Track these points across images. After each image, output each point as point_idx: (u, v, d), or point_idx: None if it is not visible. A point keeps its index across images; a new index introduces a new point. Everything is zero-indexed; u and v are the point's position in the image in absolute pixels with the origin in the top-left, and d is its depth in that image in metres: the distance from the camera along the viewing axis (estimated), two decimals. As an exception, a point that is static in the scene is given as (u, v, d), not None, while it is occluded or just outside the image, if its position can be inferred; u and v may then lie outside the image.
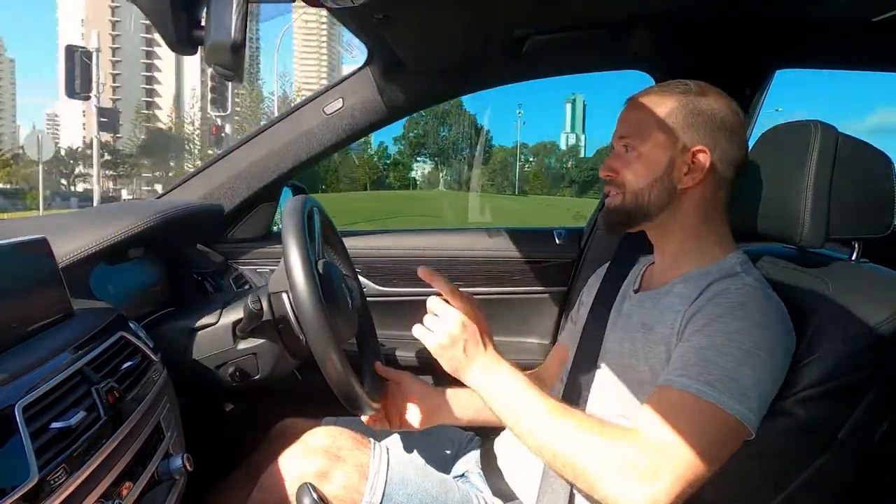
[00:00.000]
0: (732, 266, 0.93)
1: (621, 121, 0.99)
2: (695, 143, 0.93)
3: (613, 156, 0.99)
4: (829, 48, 1.48)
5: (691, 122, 0.93)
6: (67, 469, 0.63)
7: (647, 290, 1.01)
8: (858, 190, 0.94)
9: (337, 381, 0.93)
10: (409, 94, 1.54)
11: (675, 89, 0.96)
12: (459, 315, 0.88)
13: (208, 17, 0.52)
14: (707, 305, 0.86)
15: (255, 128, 1.65)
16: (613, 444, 0.78)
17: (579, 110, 44.08)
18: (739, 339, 0.81)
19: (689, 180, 0.93)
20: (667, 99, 0.95)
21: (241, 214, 1.63)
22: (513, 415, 0.85)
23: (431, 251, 1.75)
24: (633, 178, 0.95)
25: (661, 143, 0.94)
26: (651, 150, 0.94)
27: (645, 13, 1.38)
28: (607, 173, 0.98)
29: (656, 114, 0.94)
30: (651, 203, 0.95)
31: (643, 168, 0.94)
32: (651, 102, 0.96)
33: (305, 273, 0.91)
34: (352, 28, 1.31)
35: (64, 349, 0.75)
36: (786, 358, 0.85)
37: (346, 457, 0.99)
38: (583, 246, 1.72)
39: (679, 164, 0.93)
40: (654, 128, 0.94)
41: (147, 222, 1.08)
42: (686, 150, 0.93)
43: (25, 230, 0.84)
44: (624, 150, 0.97)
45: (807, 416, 0.85)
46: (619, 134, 0.98)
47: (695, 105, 0.94)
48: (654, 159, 0.94)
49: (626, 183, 0.96)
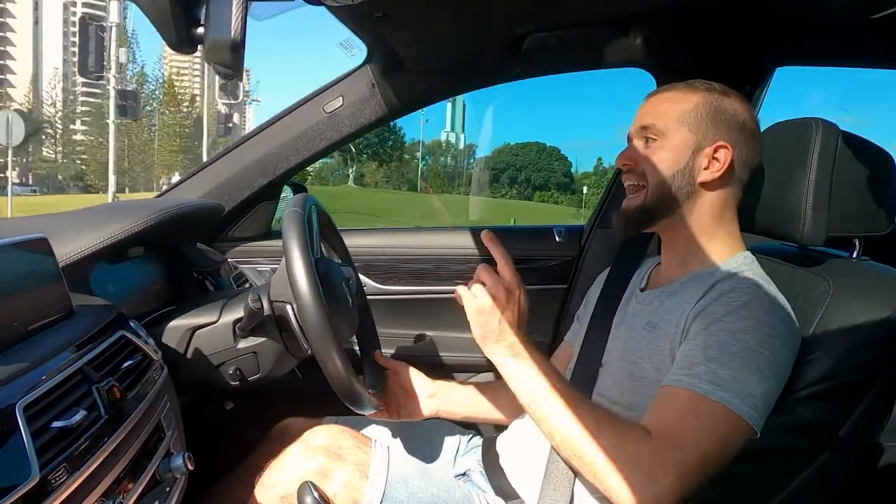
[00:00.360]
0: (738, 266, 0.93)
1: (643, 113, 0.99)
2: (717, 138, 0.94)
3: (633, 146, 0.99)
4: (828, 46, 1.48)
5: (715, 118, 0.94)
6: (68, 468, 0.63)
7: (654, 289, 1.01)
8: (859, 188, 0.94)
9: (338, 379, 0.93)
10: (408, 92, 1.54)
11: (699, 87, 0.96)
12: (506, 290, 0.88)
13: (208, 15, 0.52)
14: (712, 305, 0.86)
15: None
16: (623, 440, 0.79)
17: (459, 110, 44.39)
18: (744, 338, 0.81)
19: (709, 174, 0.94)
20: (691, 94, 0.96)
21: (241, 213, 1.64)
22: (530, 397, 0.85)
23: (431, 250, 1.75)
24: (656, 168, 0.95)
25: (685, 135, 0.94)
26: (675, 141, 0.94)
27: (644, 11, 1.38)
28: (626, 162, 0.98)
29: (681, 107, 0.95)
30: (671, 195, 0.94)
31: (666, 158, 0.94)
32: (675, 97, 0.96)
33: (306, 272, 0.91)
34: (351, 26, 1.31)
35: (64, 348, 0.75)
36: (791, 357, 0.85)
37: (346, 455, 0.99)
38: (583, 244, 1.72)
39: (701, 158, 0.94)
40: (678, 120, 0.95)
41: (148, 221, 1.08)
42: (709, 143, 0.94)
43: (25, 229, 0.83)
44: (645, 142, 0.97)
45: (808, 414, 0.85)
46: (640, 124, 0.98)
47: (718, 103, 0.95)
48: (677, 150, 0.94)
49: (647, 173, 0.95)
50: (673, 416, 0.80)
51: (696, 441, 0.78)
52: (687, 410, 0.80)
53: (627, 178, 0.99)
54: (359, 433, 1.06)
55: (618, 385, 0.96)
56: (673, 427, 0.79)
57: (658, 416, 0.81)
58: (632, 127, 1.00)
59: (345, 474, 0.96)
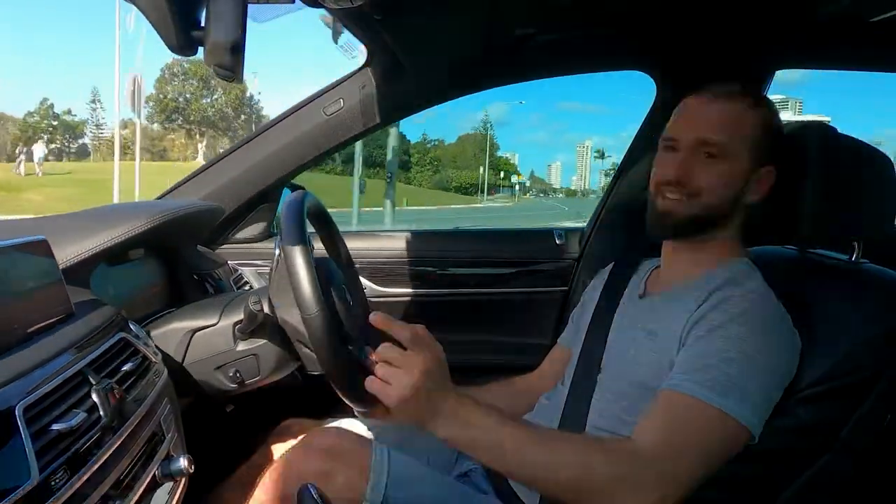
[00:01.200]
0: (738, 272, 0.93)
1: (701, 123, 0.93)
2: (768, 160, 0.93)
3: (688, 159, 0.93)
4: (828, 48, 1.48)
5: (769, 140, 0.94)
6: (68, 470, 0.63)
7: (652, 294, 1.01)
8: (858, 190, 0.94)
9: (338, 380, 0.93)
10: (408, 94, 1.55)
11: (752, 101, 0.94)
12: (420, 361, 0.77)
13: (207, 17, 0.53)
14: (710, 312, 0.87)
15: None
16: (608, 461, 0.77)
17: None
18: (742, 345, 0.82)
19: (756, 196, 0.94)
20: (750, 112, 0.93)
21: (242, 215, 1.64)
22: (495, 453, 0.80)
23: (431, 252, 1.75)
24: (712, 189, 0.92)
25: (746, 157, 0.92)
26: (737, 161, 0.92)
27: (645, 13, 1.38)
28: (680, 176, 0.92)
29: (747, 125, 0.92)
30: (722, 214, 0.94)
31: (726, 181, 0.92)
32: (736, 111, 0.93)
33: (306, 273, 0.91)
34: (351, 29, 1.31)
35: (64, 350, 0.75)
36: (789, 362, 0.85)
37: (347, 457, 0.99)
38: (583, 246, 1.72)
39: (752, 181, 0.93)
40: (742, 140, 0.92)
41: (148, 224, 1.08)
42: (762, 165, 0.93)
43: (25, 231, 0.83)
44: (705, 157, 0.92)
45: (808, 416, 0.85)
46: (698, 136, 0.92)
47: (769, 122, 0.94)
48: (737, 175, 0.93)
49: (701, 192, 0.92)
50: (671, 423, 0.80)
51: (693, 448, 0.78)
52: (685, 416, 0.80)
53: (671, 190, 0.94)
54: (359, 435, 1.06)
55: (615, 391, 0.96)
56: (670, 435, 0.79)
57: (655, 424, 0.81)
58: (682, 132, 0.95)
59: (346, 476, 0.96)
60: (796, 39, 1.44)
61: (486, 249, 1.75)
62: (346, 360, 0.93)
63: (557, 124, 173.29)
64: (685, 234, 0.96)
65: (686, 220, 0.94)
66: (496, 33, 1.34)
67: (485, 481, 1.09)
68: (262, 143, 1.56)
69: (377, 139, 33.76)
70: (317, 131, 1.54)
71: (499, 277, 1.73)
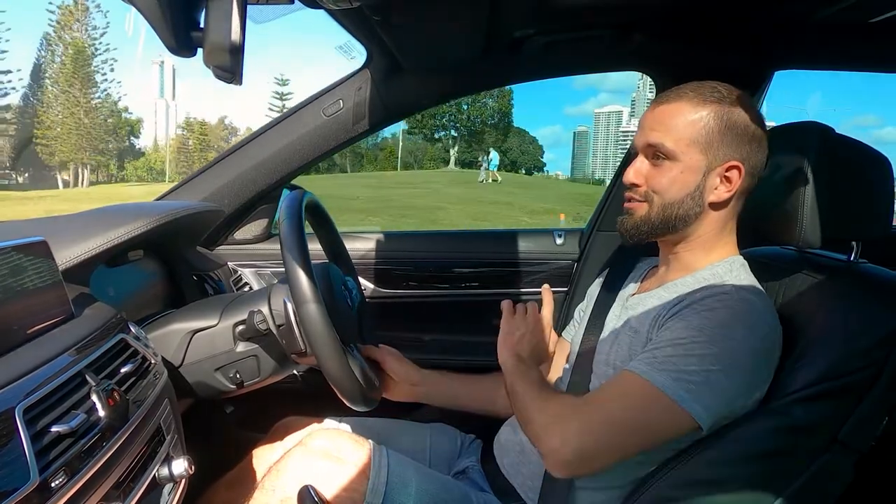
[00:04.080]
0: (723, 272, 0.93)
1: (650, 126, 0.93)
2: (728, 157, 0.89)
3: (644, 162, 0.94)
4: (827, 49, 1.48)
5: (727, 135, 0.89)
6: (68, 472, 0.63)
7: (642, 293, 1.02)
8: (857, 191, 0.94)
9: (338, 381, 0.93)
10: (408, 95, 1.55)
11: (709, 96, 0.90)
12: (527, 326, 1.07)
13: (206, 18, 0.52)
14: (682, 310, 0.88)
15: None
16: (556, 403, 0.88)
17: (168, 75, 43.55)
18: (695, 334, 0.83)
19: (719, 195, 0.91)
20: (701, 108, 0.90)
21: (241, 216, 1.64)
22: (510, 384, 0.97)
23: (432, 253, 1.75)
24: (664, 191, 0.91)
25: (696, 157, 0.89)
26: (686, 164, 0.90)
27: (644, 14, 1.38)
28: (634, 182, 0.94)
29: (692, 124, 0.89)
30: (679, 217, 0.92)
31: (676, 183, 0.91)
32: (684, 110, 0.90)
33: (305, 275, 0.91)
34: (351, 29, 1.31)
35: (64, 351, 0.75)
36: (760, 362, 0.85)
37: (346, 458, 0.99)
38: (583, 247, 1.72)
39: (712, 178, 0.90)
40: (689, 140, 0.89)
41: (148, 225, 1.08)
42: (720, 163, 0.90)
43: (25, 232, 0.83)
44: (654, 160, 0.92)
45: (806, 417, 0.85)
46: (646, 141, 0.92)
47: (730, 117, 0.89)
48: (688, 174, 0.90)
49: (654, 195, 0.92)
50: (603, 386, 0.88)
51: (609, 404, 0.84)
52: (616, 383, 0.86)
53: (631, 194, 0.96)
54: (358, 435, 1.06)
55: None
56: (597, 393, 0.87)
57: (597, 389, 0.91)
58: (638, 138, 0.95)
59: (345, 477, 0.96)
60: (796, 40, 1.44)
61: (486, 250, 1.75)
62: (345, 360, 0.93)
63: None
64: (647, 236, 0.96)
65: (642, 222, 0.94)
66: (496, 33, 1.33)
67: (483, 479, 1.09)
68: (263, 143, 1.56)
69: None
70: (317, 132, 1.54)
71: (499, 278, 1.73)
